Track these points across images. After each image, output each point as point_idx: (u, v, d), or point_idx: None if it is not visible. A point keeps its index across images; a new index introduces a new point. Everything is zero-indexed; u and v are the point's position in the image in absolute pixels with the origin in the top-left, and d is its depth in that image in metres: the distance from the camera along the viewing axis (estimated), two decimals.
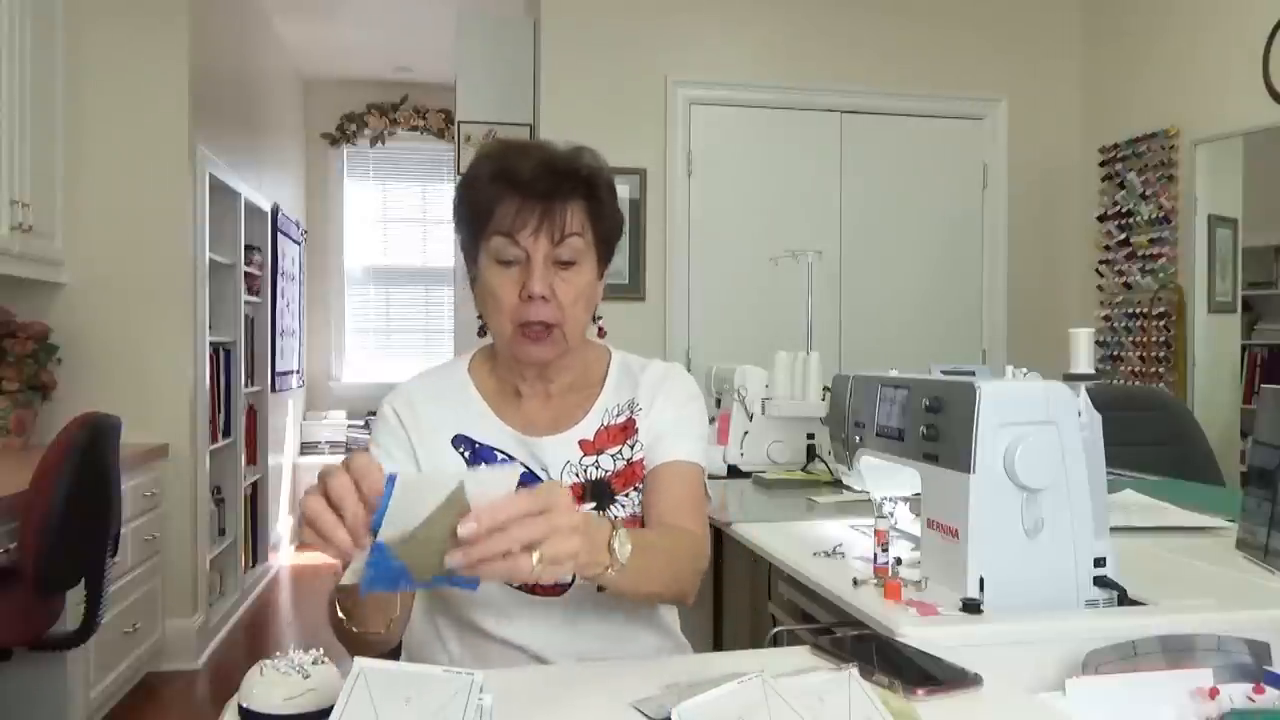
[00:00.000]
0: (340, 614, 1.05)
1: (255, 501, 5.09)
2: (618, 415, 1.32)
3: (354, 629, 1.05)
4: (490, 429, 1.29)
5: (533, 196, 1.18)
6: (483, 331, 1.31)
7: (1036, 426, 1.30)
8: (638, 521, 1.28)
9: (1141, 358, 4.15)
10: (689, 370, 1.62)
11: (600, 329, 1.37)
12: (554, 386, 1.31)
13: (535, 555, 0.86)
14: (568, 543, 0.88)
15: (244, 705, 0.88)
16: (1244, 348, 4.14)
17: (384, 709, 0.80)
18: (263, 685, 0.88)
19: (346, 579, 0.87)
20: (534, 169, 1.18)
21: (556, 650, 1.23)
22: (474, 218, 1.22)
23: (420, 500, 0.85)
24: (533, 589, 1.22)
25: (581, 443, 1.29)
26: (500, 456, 1.28)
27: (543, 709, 0.97)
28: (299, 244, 6.22)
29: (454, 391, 1.32)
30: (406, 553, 0.85)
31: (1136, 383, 4.12)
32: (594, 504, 1.27)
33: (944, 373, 1.80)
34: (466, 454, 1.28)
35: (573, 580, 1.21)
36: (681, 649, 1.35)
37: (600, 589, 1.13)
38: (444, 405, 1.30)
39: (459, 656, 1.26)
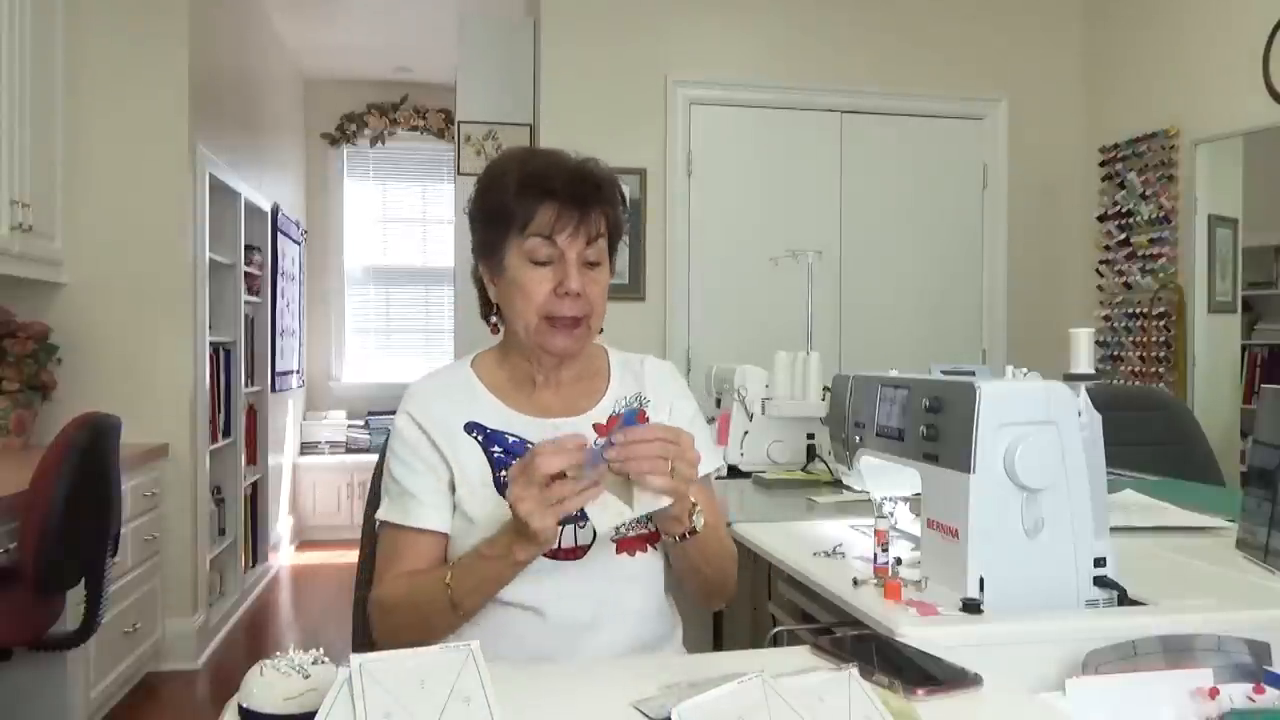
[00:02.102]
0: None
1: (255, 501, 5.09)
2: (629, 406, 1.40)
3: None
4: (500, 416, 1.36)
5: (570, 203, 1.30)
6: (495, 330, 1.39)
7: (1036, 426, 1.30)
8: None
9: (1141, 358, 4.15)
10: (689, 370, 1.65)
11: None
12: (565, 375, 1.39)
13: (669, 466, 1.10)
14: (691, 468, 1.14)
15: (244, 705, 0.88)
16: (1244, 348, 4.14)
17: (401, 694, 0.80)
18: (263, 685, 0.88)
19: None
20: (569, 178, 1.32)
21: (559, 612, 1.27)
22: (506, 219, 1.31)
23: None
24: (555, 553, 1.26)
25: (596, 426, 1.35)
26: (512, 439, 1.33)
27: (543, 709, 0.97)
28: (299, 244, 6.22)
29: (460, 388, 1.39)
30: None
31: (1136, 383, 4.12)
32: None
33: (944, 373, 1.80)
34: (480, 438, 1.34)
35: (592, 541, 1.29)
36: (674, 623, 1.40)
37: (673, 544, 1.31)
38: (453, 400, 1.37)
39: None
